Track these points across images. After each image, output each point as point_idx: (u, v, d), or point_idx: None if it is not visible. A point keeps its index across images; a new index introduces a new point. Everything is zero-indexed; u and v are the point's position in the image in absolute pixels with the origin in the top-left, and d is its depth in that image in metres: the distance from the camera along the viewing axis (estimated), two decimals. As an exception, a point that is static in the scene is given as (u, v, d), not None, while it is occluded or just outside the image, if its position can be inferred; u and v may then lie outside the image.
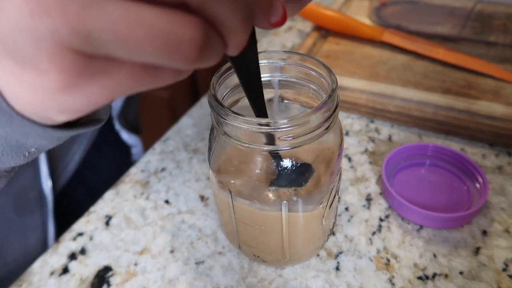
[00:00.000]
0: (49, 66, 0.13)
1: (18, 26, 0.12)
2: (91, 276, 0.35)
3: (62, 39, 0.13)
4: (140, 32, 0.12)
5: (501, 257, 0.33)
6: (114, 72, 0.14)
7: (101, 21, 0.12)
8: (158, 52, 0.13)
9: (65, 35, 0.12)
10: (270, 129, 0.24)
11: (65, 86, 0.14)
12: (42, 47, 0.13)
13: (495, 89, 0.47)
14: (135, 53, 0.13)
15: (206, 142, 0.48)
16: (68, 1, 0.12)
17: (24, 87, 0.14)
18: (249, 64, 0.21)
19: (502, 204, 0.37)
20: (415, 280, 0.32)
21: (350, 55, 0.56)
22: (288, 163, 0.27)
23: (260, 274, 0.34)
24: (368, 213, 0.38)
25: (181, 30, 0.13)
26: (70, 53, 0.13)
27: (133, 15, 0.12)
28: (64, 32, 0.12)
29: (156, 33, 0.13)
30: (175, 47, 0.13)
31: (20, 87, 0.15)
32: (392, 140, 0.46)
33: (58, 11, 0.12)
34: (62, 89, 0.14)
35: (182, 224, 0.38)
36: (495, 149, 0.43)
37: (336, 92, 0.25)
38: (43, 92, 0.14)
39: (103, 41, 0.13)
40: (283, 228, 0.29)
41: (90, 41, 0.13)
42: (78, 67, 0.13)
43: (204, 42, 0.13)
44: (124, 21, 0.12)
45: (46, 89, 0.14)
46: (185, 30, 0.13)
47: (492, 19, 0.59)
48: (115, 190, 0.42)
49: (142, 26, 0.12)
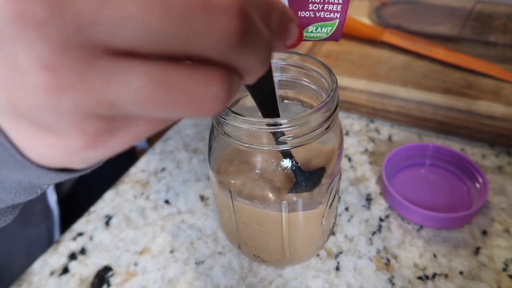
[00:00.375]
0: (72, 132, 0.13)
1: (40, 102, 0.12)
2: (91, 276, 0.34)
3: (86, 110, 0.12)
4: (164, 96, 0.12)
5: (501, 257, 0.33)
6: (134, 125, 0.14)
7: (125, 90, 0.12)
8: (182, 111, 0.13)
9: (89, 106, 0.12)
10: (270, 129, 0.24)
11: (88, 146, 0.14)
12: (65, 118, 0.13)
13: (495, 89, 0.47)
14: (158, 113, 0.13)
15: (206, 142, 0.48)
16: (91, 74, 0.12)
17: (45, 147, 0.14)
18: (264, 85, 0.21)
19: (502, 204, 0.37)
20: (415, 280, 0.32)
21: (350, 55, 0.56)
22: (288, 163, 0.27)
23: (260, 274, 0.34)
24: (368, 213, 0.38)
25: (206, 88, 0.12)
26: (93, 118, 0.13)
27: (156, 80, 0.12)
28: (88, 104, 0.12)
29: (181, 95, 0.12)
30: (200, 104, 0.13)
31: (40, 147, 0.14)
32: (392, 140, 0.46)
33: (81, 86, 0.12)
34: (85, 148, 0.14)
35: (182, 224, 0.38)
36: (495, 149, 0.43)
37: (336, 92, 0.25)
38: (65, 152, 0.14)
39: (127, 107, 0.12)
40: (283, 228, 0.29)
41: (114, 108, 0.12)
42: (101, 128, 0.13)
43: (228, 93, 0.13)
44: (148, 88, 0.12)
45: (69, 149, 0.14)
46: (210, 87, 0.13)
47: (492, 19, 0.59)
48: (115, 190, 0.42)
49: (167, 90, 0.12)
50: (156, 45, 0.12)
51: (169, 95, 0.12)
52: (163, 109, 0.13)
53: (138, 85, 0.12)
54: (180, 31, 0.11)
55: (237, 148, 0.27)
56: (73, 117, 0.13)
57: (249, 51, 0.13)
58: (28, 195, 0.18)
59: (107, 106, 0.12)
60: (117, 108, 0.12)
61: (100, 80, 0.12)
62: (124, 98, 0.12)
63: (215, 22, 0.12)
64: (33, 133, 0.14)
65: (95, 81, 0.12)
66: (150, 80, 0.12)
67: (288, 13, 0.16)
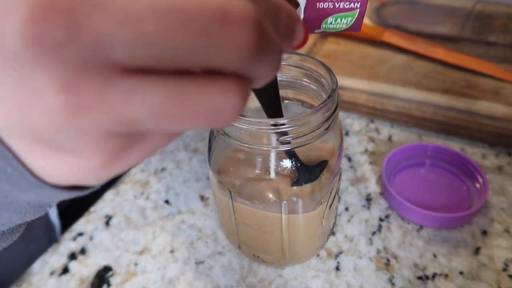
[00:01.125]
0: (90, 151, 0.13)
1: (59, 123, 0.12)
2: (91, 276, 0.34)
3: (106, 129, 0.12)
4: (184, 110, 0.12)
5: (501, 257, 0.33)
6: (150, 139, 0.14)
7: (144, 107, 0.12)
8: (200, 123, 0.13)
9: (109, 125, 0.12)
10: (270, 129, 0.24)
11: (106, 164, 0.14)
12: (84, 138, 0.13)
13: (495, 89, 0.47)
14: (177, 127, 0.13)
15: (206, 142, 0.48)
16: (109, 93, 0.12)
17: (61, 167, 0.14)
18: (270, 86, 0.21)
19: (502, 204, 0.37)
20: (415, 280, 0.32)
21: (350, 55, 0.56)
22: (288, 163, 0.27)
23: (260, 274, 0.34)
24: (368, 213, 0.38)
25: (223, 101, 0.12)
26: (112, 137, 0.13)
27: (175, 94, 0.12)
28: (108, 123, 0.12)
29: (200, 108, 0.12)
30: (218, 116, 0.13)
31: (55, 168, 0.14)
32: (392, 140, 0.46)
33: (100, 106, 0.12)
34: (102, 167, 0.14)
35: (182, 224, 0.38)
36: (495, 149, 0.43)
37: (336, 92, 0.25)
38: (82, 171, 0.14)
39: (146, 123, 0.12)
40: (283, 229, 0.29)
41: (133, 125, 0.12)
42: (118, 146, 0.13)
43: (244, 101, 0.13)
44: (167, 103, 0.12)
45: (85, 168, 0.14)
46: (227, 99, 0.13)
47: (492, 19, 0.59)
48: (115, 190, 0.42)
49: (185, 105, 0.12)
50: (174, 62, 0.12)
51: (188, 108, 0.12)
52: (182, 123, 0.13)
53: (157, 101, 0.12)
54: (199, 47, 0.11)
55: (237, 148, 0.27)
56: (92, 137, 0.13)
57: (264, 60, 0.13)
58: (38, 213, 0.18)
59: (127, 124, 0.12)
60: (137, 125, 0.12)
61: (119, 99, 0.12)
62: (143, 115, 0.12)
63: (233, 36, 0.12)
64: (48, 154, 0.14)
65: (114, 100, 0.12)
66: (168, 95, 0.12)
67: (294, 14, 0.16)
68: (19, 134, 0.13)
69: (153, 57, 0.11)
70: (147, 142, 0.14)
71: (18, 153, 0.14)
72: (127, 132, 0.13)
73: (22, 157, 0.14)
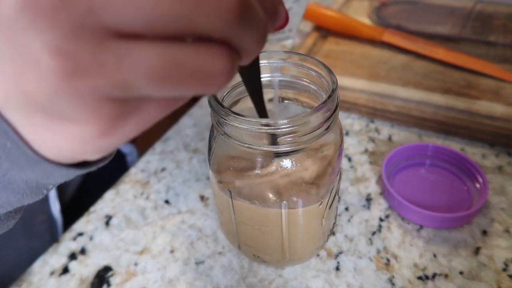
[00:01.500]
0: (87, 118, 0.14)
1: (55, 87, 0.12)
2: (91, 276, 0.35)
3: (101, 93, 0.13)
4: (175, 73, 0.13)
5: (501, 257, 0.33)
6: (146, 107, 0.15)
7: (139, 70, 0.12)
8: (192, 87, 0.13)
9: (104, 89, 0.13)
10: (270, 129, 0.24)
11: (104, 132, 0.14)
12: (81, 103, 0.13)
13: (495, 89, 0.47)
14: (169, 91, 0.13)
15: (206, 142, 0.48)
16: (104, 56, 0.12)
17: (60, 138, 0.15)
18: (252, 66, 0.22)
19: (502, 204, 0.37)
20: (415, 280, 0.32)
21: (350, 55, 0.56)
22: (288, 163, 0.27)
23: (260, 274, 0.34)
24: (368, 213, 0.38)
25: (212, 64, 0.13)
26: (107, 102, 0.13)
27: (167, 57, 0.13)
28: (103, 86, 0.13)
29: (191, 71, 0.13)
30: (208, 80, 0.13)
31: (55, 139, 0.15)
32: (392, 140, 0.46)
33: (95, 69, 0.12)
34: (101, 135, 0.14)
35: (182, 224, 0.38)
36: (495, 149, 0.43)
37: (336, 92, 0.25)
38: (81, 140, 0.14)
39: (141, 86, 0.13)
40: (283, 229, 0.29)
41: (128, 89, 0.13)
42: (115, 112, 0.14)
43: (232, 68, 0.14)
44: (160, 66, 0.13)
45: (85, 138, 0.14)
46: (215, 62, 0.13)
47: (492, 19, 0.59)
48: (115, 190, 0.42)
49: (177, 68, 0.13)
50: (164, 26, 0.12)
51: (180, 71, 0.13)
52: (174, 86, 0.13)
53: (150, 64, 0.12)
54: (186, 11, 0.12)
55: (237, 148, 0.27)
56: (89, 101, 0.13)
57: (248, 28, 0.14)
58: (35, 195, 0.19)
59: (122, 87, 0.13)
60: (131, 88, 0.13)
61: (113, 62, 0.12)
62: (137, 77, 0.13)
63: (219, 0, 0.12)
64: (47, 124, 0.14)
65: (109, 63, 0.12)
66: (161, 58, 0.12)
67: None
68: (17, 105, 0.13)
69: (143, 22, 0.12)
70: (144, 112, 0.15)
71: (17, 126, 0.15)
72: (123, 97, 0.13)
73: (21, 131, 0.15)
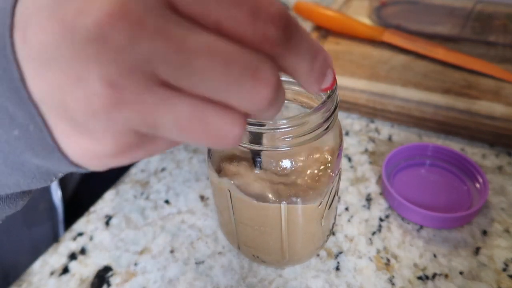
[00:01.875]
0: (108, 141, 0.15)
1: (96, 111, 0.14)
2: (91, 276, 0.35)
3: (131, 126, 0.14)
4: (198, 128, 0.15)
5: (501, 257, 0.33)
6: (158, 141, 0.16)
7: (170, 116, 0.14)
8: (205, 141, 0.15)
9: (136, 123, 0.14)
10: (269, 129, 0.24)
11: (117, 155, 0.16)
12: (110, 129, 0.14)
13: (495, 89, 0.47)
14: (186, 138, 0.15)
15: (206, 142, 0.48)
16: (146, 98, 0.14)
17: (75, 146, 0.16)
18: None
19: (502, 204, 0.37)
20: (415, 280, 0.32)
21: (350, 55, 0.56)
22: (287, 163, 0.27)
23: (260, 274, 0.34)
24: (368, 213, 0.38)
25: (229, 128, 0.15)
26: (132, 133, 0.15)
27: (196, 113, 0.14)
28: (136, 122, 0.14)
29: (210, 130, 0.15)
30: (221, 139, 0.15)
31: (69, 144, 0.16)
32: (392, 140, 0.46)
33: (136, 106, 0.14)
34: (113, 157, 0.16)
35: (182, 224, 0.38)
36: (495, 149, 0.43)
37: (335, 93, 0.25)
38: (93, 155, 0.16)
39: (166, 129, 0.15)
40: (283, 229, 0.29)
41: (155, 128, 0.15)
42: (133, 142, 0.15)
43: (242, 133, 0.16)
44: (188, 118, 0.14)
45: (97, 154, 0.16)
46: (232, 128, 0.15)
47: (492, 19, 0.59)
48: (115, 190, 0.42)
49: (201, 124, 0.15)
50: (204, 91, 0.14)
51: (203, 126, 0.15)
52: (193, 137, 0.15)
53: (181, 114, 0.14)
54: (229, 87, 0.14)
55: (237, 148, 0.27)
56: (117, 129, 0.15)
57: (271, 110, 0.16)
58: (44, 181, 0.19)
59: (150, 126, 0.14)
60: (157, 129, 0.15)
61: (152, 104, 0.14)
62: (167, 122, 0.14)
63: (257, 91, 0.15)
64: (68, 132, 0.15)
65: (148, 104, 0.14)
66: (192, 112, 0.14)
67: (328, 60, 0.18)
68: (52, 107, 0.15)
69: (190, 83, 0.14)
70: (154, 144, 0.16)
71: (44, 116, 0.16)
72: (146, 133, 0.15)
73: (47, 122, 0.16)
